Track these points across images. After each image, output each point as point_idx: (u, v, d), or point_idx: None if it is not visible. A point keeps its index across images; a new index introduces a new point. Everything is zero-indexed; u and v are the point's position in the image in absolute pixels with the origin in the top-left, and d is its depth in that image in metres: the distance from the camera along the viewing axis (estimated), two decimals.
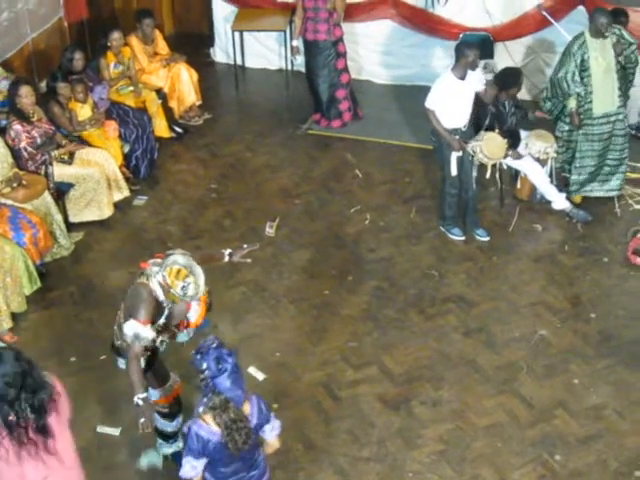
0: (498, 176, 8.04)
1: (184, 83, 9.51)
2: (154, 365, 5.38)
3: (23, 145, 7.52)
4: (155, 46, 9.45)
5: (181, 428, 5.59)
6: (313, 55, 9.22)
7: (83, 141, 8.17)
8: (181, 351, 5.75)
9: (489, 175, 7.77)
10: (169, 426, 5.67)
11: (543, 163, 8.02)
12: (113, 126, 8.36)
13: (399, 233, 8.00)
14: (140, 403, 4.94)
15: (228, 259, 5.59)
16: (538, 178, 8.06)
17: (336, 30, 9.11)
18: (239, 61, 10.54)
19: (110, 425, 6.07)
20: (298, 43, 9.38)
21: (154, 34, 9.40)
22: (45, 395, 4.13)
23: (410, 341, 6.82)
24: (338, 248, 7.83)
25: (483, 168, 7.74)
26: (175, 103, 9.54)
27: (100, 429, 6.06)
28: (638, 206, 8.21)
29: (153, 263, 5.06)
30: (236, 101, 10.34)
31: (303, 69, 9.62)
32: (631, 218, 8.06)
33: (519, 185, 8.30)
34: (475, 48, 7.37)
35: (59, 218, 7.59)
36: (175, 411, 5.63)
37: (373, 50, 10.22)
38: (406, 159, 9.00)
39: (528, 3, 9.37)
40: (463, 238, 7.89)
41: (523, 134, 8.03)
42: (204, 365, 4.35)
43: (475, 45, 7.54)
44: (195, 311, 5.15)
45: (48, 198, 7.52)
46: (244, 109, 10.05)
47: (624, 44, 7.94)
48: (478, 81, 7.46)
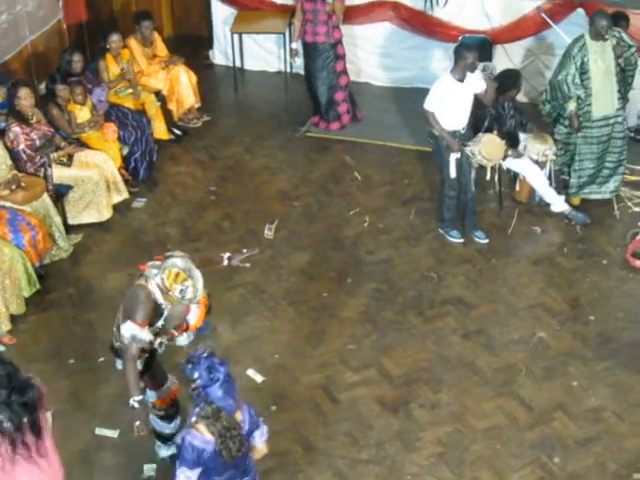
0: (497, 178, 8.04)
1: (183, 85, 9.50)
2: (152, 367, 5.37)
3: (22, 147, 7.53)
4: (154, 48, 9.44)
5: (179, 429, 5.59)
6: (312, 57, 9.22)
7: (82, 143, 8.17)
8: (179, 354, 5.75)
9: (489, 177, 7.77)
10: (167, 428, 5.67)
11: (542, 165, 8.02)
12: (112, 128, 8.36)
13: (398, 235, 7.99)
14: (136, 406, 4.94)
15: (227, 263, 5.58)
16: (537, 180, 8.06)
17: (335, 32, 9.11)
18: (238, 63, 10.54)
19: (109, 427, 6.06)
20: (297, 45, 9.39)
21: (153, 36, 9.40)
22: (34, 395, 4.11)
23: (409, 343, 6.82)
24: (337, 250, 7.82)
25: (482, 170, 7.74)
26: (174, 105, 9.53)
27: (99, 431, 6.05)
28: (637, 208, 8.21)
29: (152, 265, 5.05)
30: (235, 103, 10.34)
31: (302, 71, 9.62)
32: (630, 220, 8.05)
33: (518, 187, 8.29)
34: (474, 50, 7.38)
35: (58, 220, 7.59)
36: (172, 413, 5.62)
37: (372, 52, 10.22)
38: (405, 161, 9.00)
39: (527, 5, 9.37)
40: (462, 240, 7.89)
41: (522, 136, 8.03)
42: (195, 374, 4.33)
43: (474, 47, 7.54)
44: (194, 313, 5.14)
45: (47, 200, 7.52)
46: (243, 111, 10.04)
47: (624, 46, 7.95)
48: (477, 83, 7.47)
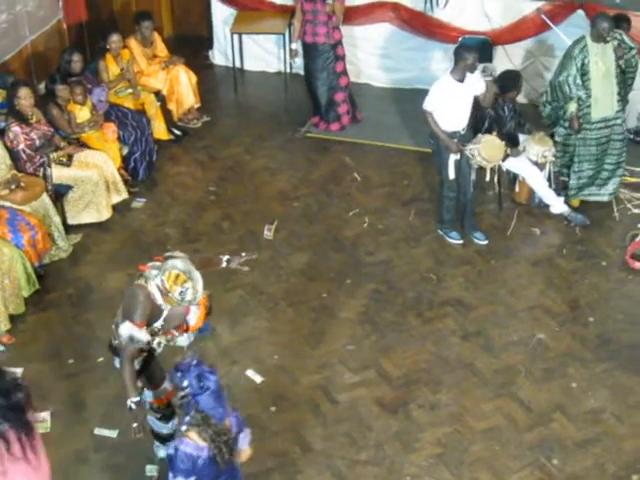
0: (496, 179, 8.04)
1: (183, 85, 9.50)
2: (150, 366, 5.37)
3: (21, 147, 7.52)
4: (154, 48, 9.44)
5: (177, 430, 5.58)
6: (312, 58, 9.22)
7: (82, 143, 8.17)
8: (179, 353, 5.73)
9: (488, 178, 7.77)
10: (164, 428, 5.66)
11: (541, 167, 8.02)
12: (112, 128, 8.36)
13: (397, 236, 7.99)
14: (133, 407, 4.93)
15: (225, 265, 5.58)
16: (536, 182, 8.06)
17: (335, 33, 9.10)
18: (238, 64, 10.54)
19: (108, 427, 6.06)
20: (297, 46, 9.39)
21: (153, 36, 9.40)
22: (21, 394, 4.09)
23: (408, 344, 6.82)
24: (336, 251, 7.82)
25: (482, 171, 7.74)
26: (174, 105, 9.53)
27: (98, 431, 6.05)
28: (636, 210, 8.21)
29: (152, 266, 5.05)
30: (235, 104, 10.33)
31: (302, 72, 9.62)
32: (629, 222, 8.05)
33: (517, 189, 8.29)
34: (474, 51, 7.37)
35: (57, 220, 7.59)
36: (169, 414, 5.61)
37: (372, 53, 10.21)
38: (405, 162, 9.00)
39: (527, 7, 9.37)
40: (461, 241, 7.88)
41: (521, 137, 8.03)
42: (185, 383, 4.30)
43: (474, 48, 7.54)
44: (194, 314, 5.14)
45: (46, 200, 7.52)
46: (243, 112, 10.04)
47: (625, 48, 7.95)
48: (477, 84, 7.47)
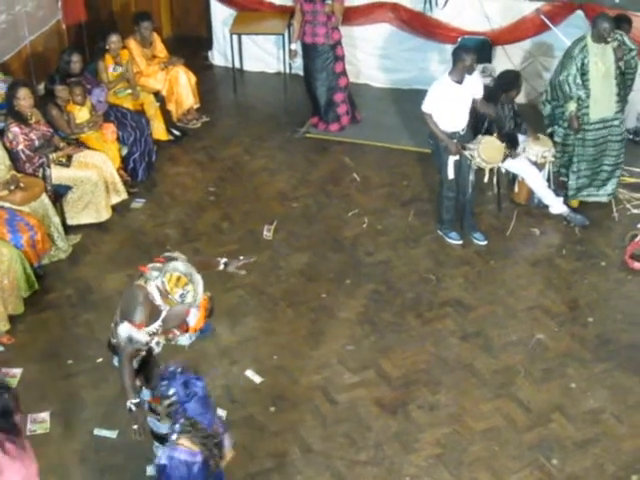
0: (496, 180, 8.04)
1: (182, 86, 9.50)
2: (148, 365, 5.35)
3: (21, 147, 7.52)
4: (153, 49, 9.44)
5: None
6: (311, 58, 9.22)
7: (81, 144, 8.17)
8: (180, 353, 5.73)
9: (487, 179, 7.77)
10: (163, 428, 5.65)
11: (541, 167, 8.02)
12: (111, 129, 8.36)
13: (397, 236, 7.99)
14: (133, 408, 4.92)
15: (223, 268, 5.57)
16: (536, 182, 8.06)
17: (334, 33, 9.10)
18: (237, 64, 10.54)
19: (107, 428, 6.06)
20: (296, 46, 9.39)
21: (152, 37, 9.40)
22: (9, 395, 4.09)
23: (407, 345, 6.82)
24: (336, 251, 7.82)
25: (481, 172, 7.73)
26: (173, 106, 9.53)
27: (97, 432, 6.05)
28: (636, 210, 8.21)
29: (152, 267, 5.03)
30: (234, 104, 10.33)
31: (301, 72, 9.62)
32: (629, 222, 8.05)
33: (517, 189, 8.29)
34: (472, 52, 7.37)
35: (57, 221, 7.59)
36: None
37: (371, 54, 10.21)
38: (404, 162, 9.00)
39: (527, 7, 9.37)
40: (461, 242, 7.88)
41: (521, 138, 8.03)
42: (171, 391, 4.30)
43: (472, 49, 7.55)
44: (194, 315, 5.13)
45: (46, 200, 7.51)
46: (242, 112, 10.03)
47: (625, 49, 7.94)
48: (475, 85, 7.47)
